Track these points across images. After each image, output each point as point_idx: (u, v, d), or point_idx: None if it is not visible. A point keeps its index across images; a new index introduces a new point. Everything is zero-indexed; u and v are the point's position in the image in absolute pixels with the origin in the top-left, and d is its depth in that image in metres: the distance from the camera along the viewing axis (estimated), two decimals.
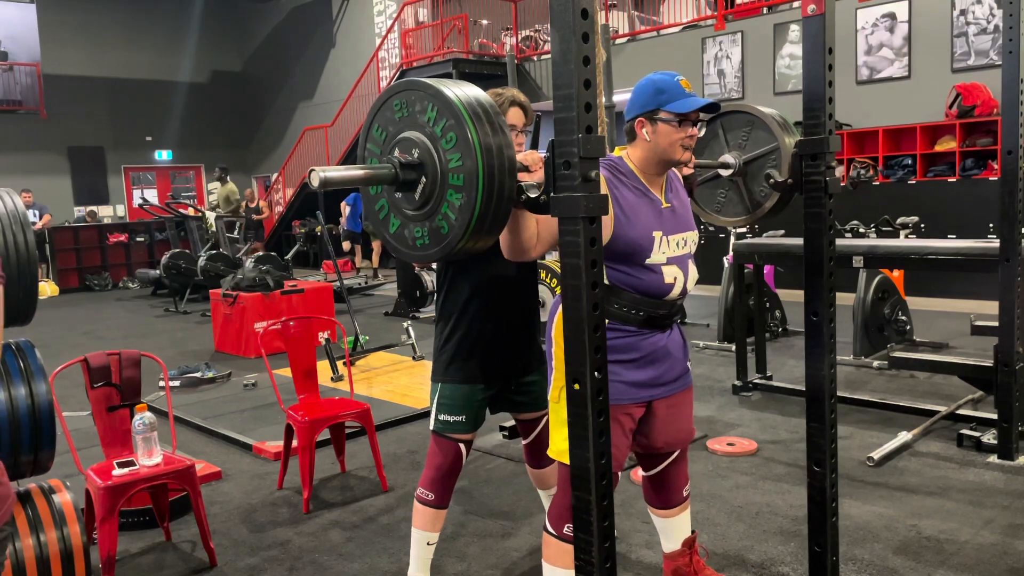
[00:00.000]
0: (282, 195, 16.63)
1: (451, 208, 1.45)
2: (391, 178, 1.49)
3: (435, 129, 1.47)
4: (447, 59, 12.37)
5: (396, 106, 1.54)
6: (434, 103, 1.47)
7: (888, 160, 8.54)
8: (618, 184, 2.11)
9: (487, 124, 1.42)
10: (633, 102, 2.15)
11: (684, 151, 2.12)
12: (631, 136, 2.17)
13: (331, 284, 7.96)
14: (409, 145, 1.49)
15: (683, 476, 2.42)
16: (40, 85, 15.54)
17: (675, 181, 2.30)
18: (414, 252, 1.57)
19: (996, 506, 3.19)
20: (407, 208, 1.53)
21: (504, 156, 1.43)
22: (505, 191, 1.44)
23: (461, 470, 2.56)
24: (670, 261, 2.16)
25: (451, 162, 1.44)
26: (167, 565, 3.03)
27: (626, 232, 2.08)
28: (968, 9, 8.17)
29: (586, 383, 1.40)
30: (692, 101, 2.07)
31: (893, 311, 5.86)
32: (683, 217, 2.24)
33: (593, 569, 1.45)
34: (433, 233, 1.50)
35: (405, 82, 1.54)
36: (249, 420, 4.90)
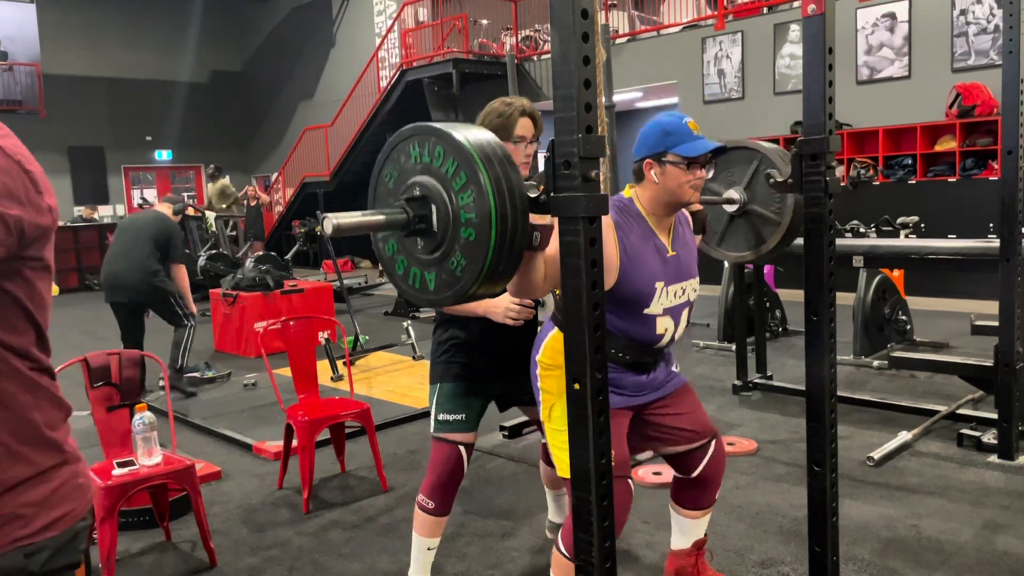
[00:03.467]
0: (282, 195, 16.62)
1: (463, 253, 1.44)
2: (403, 223, 1.48)
3: (446, 173, 1.46)
4: (447, 59, 12.36)
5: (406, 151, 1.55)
6: (445, 147, 1.46)
7: (888, 160, 8.53)
8: (626, 230, 2.13)
9: (499, 168, 1.42)
10: (641, 143, 2.16)
11: (693, 192, 2.13)
12: (639, 176, 2.18)
13: (331, 284, 7.96)
14: (420, 190, 1.49)
15: (719, 481, 2.44)
16: (40, 85, 15.53)
17: (683, 224, 2.31)
18: (425, 296, 1.54)
19: (996, 506, 3.19)
20: (418, 253, 1.52)
21: (517, 201, 1.42)
22: (518, 235, 1.43)
23: (463, 477, 2.52)
24: (665, 312, 2.19)
25: (463, 207, 1.43)
26: (167, 565, 3.03)
27: (630, 281, 2.10)
28: (968, 9, 8.17)
29: (586, 383, 1.40)
30: (700, 144, 2.09)
31: (893, 311, 5.86)
32: (686, 265, 2.26)
33: (593, 569, 1.45)
34: (445, 278, 1.48)
35: (414, 127, 1.54)
36: (249, 420, 4.90)
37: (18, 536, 1.08)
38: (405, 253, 1.56)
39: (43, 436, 1.12)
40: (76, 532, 1.15)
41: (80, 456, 1.20)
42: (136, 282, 5.32)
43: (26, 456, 1.10)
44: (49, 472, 1.12)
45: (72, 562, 1.15)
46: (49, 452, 1.13)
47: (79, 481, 1.17)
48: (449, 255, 1.47)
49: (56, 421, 1.15)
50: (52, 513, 1.11)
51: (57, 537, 1.12)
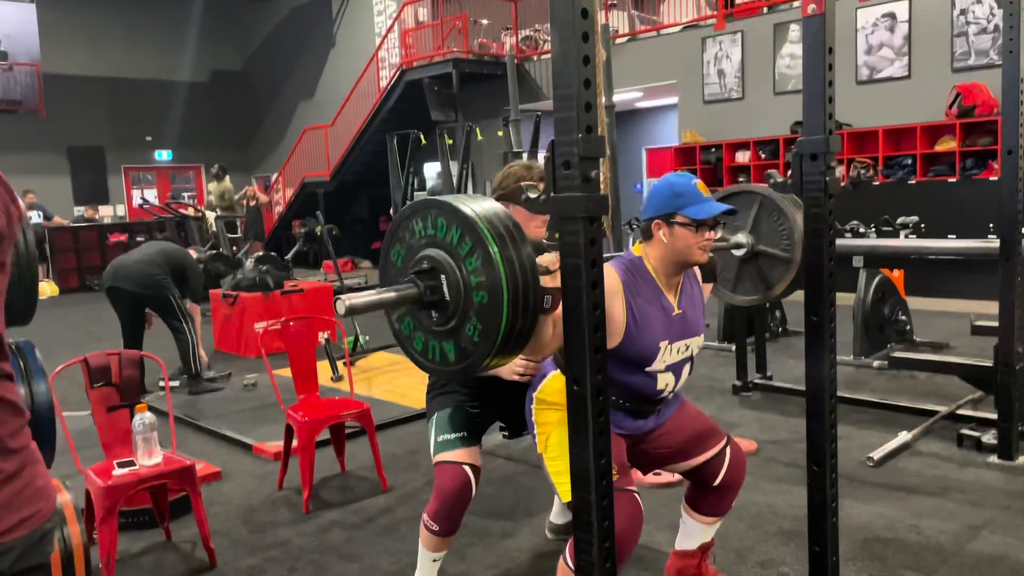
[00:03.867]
0: (282, 195, 16.62)
1: (477, 324, 1.45)
2: (415, 297, 1.48)
3: (451, 242, 1.47)
4: (447, 59, 12.36)
5: (409, 228, 1.55)
6: (447, 218, 1.47)
7: (888, 160, 8.53)
8: (635, 292, 2.14)
9: (508, 239, 1.42)
10: (650, 203, 2.17)
11: (701, 253, 2.14)
12: (647, 235, 2.19)
13: (331, 284, 7.96)
14: (428, 262, 1.49)
15: (739, 487, 2.44)
16: (40, 85, 15.54)
17: (691, 280, 2.31)
18: (446, 368, 1.54)
19: (996, 506, 3.19)
20: (434, 326, 1.52)
21: (527, 270, 1.42)
22: (531, 304, 1.43)
23: (470, 501, 2.42)
24: (668, 368, 2.21)
25: (472, 271, 1.43)
26: (167, 565, 3.03)
27: (635, 343, 2.12)
28: (968, 9, 8.17)
29: (586, 383, 1.40)
30: (710, 207, 2.09)
31: (893, 311, 5.86)
32: (692, 322, 2.27)
33: (593, 569, 1.45)
34: (464, 345, 1.48)
35: (413, 205, 1.55)
36: (249, 420, 4.90)
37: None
38: (421, 328, 1.57)
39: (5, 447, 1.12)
40: (44, 533, 1.16)
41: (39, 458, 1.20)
42: (138, 273, 5.41)
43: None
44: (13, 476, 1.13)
45: (40, 563, 1.15)
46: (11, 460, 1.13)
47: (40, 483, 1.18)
48: (464, 322, 1.47)
49: (16, 428, 1.15)
50: (18, 514, 1.12)
51: (26, 537, 1.12)
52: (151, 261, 5.47)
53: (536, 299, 1.45)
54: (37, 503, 1.15)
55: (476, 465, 2.44)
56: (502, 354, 1.46)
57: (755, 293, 2.77)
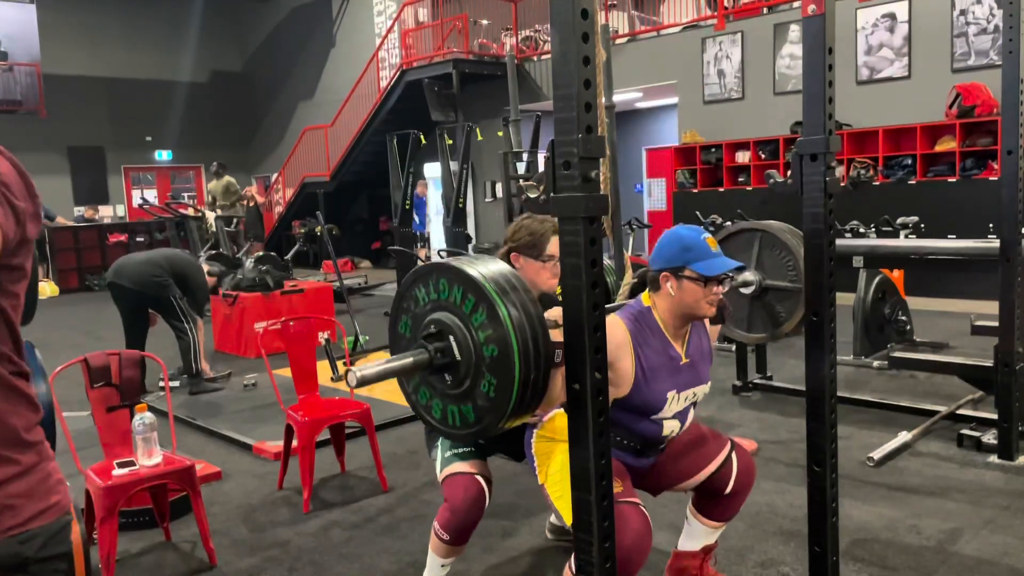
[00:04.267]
0: (282, 195, 16.62)
1: (491, 379, 1.44)
2: (427, 363, 1.49)
3: (455, 302, 1.47)
4: (447, 59, 12.36)
5: (412, 297, 1.56)
6: (454, 281, 1.47)
7: (888, 160, 8.53)
8: (642, 343, 2.15)
9: (510, 290, 1.43)
10: (659, 254, 2.17)
11: (709, 307, 2.15)
12: (655, 285, 2.19)
13: (331, 284, 7.96)
14: (435, 325, 1.49)
15: (748, 492, 2.44)
16: (40, 85, 15.53)
17: (699, 329, 2.32)
18: (468, 429, 1.54)
19: (996, 506, 3.19)
20: (449, 389, 1.52)
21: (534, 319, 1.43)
22: (541, 352, 1.43)
23: (483, 513, 2.38)
24: (674, 416, 2.22)
25: (482, 333, 1.44)
26: (167, 565, 3.03)
27: (642, 393, 2.14)
28: (968, 9, 8.17)
29: (586, 383, 1.40)
30: (719, 263, 2.11)
31: (893, 311, 5.85)
32: (699, 370, 2.27)
33: (593, 569, 1.45)
34: (481, 403, 1.48)
35: (427, 266, 1.55)
36: (249, 420, 4.90)
37: (10, 525, 1.12)
38: (437, 395, 1.57)
39: (22, 439, 1.16)
40: (64, 523, 1.20)
41: (52, 455, 1.24)
42: (138, 273, 5.46)
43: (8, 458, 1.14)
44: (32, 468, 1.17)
45: (63, 552, 1.19)
46: (29, 453, 1.17)
47: (57, 476, 1.22)
48: (478, 380, 1.47)
49: (31, 423, 1.19)
50: (40, 503, 1.16)
51: (48, 525, 1.17)
52: (154, 263, 5.52)
53: (546, 347, 1.45)
54: (57, 494, 1.20)
55: (489, 478, 2.42)
56: (519, 409, 1.45)
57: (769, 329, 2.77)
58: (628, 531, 1.98)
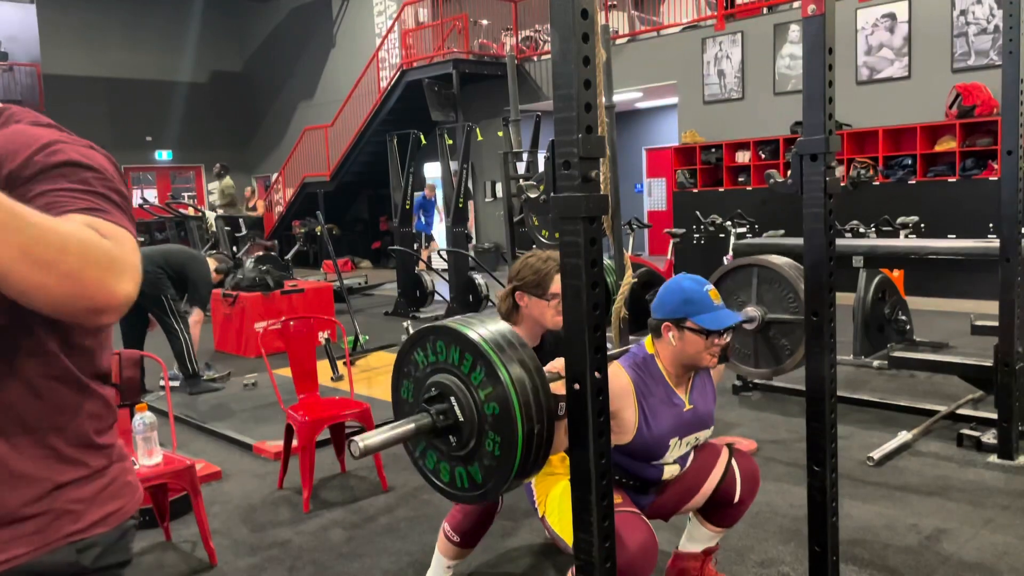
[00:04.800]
0: (282, 195, 16.62)
1: (495, 437, 1.45)
2: (429, 426, 1.49)
3: (453, 363, 1.48)
4: (447, 59, 12.37)
5: (412, 362, 1.57)
6: (450, 342, 1.48)
7: (888, 160, 8.54)
8: (646, 392, 2.15)
9: (506, 346, 1.44)
10: (661, 304, 2.18)
11: (711, 358, 2.16)
12: (656, 333, 2.20)
13: (331, 284, 7.96)
14: (442, 389, 1.50)
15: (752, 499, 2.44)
16: (40, 85, 15.52)
17: (702, 375, 2.32)
18: (478, 491, 1.54)
19: (996, 506, 3.19)
20: (454, 451, 1.53)
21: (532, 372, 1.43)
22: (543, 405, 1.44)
23: (494, 518, 2.39)
24: (675, 461, 2.23)
25: (482, 391, 1.45)
26: (167, 565, 3.03)
27: (645, 441, 2.14)
28: (968, 9, 8.17)
29: (586, 383, 1.39)
30: (721, 317, 2.11)
31: (893, 311, 5.85)
32: (702, 416, 2.27)
33: (593, 569, 1.45)
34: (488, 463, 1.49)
35: (424, 329, 1.55)
36: (249, 420, 4.90)
37: (70, 531, 1.08)
38: (444, 458, 1.57)
39: (93, 442, 1.13)
40: (125, 530, 1.17)
41: (126, 455, 1.21)
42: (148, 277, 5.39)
43: (75, 460, 1.11)
44: (99, 472, 1.14)
45: (123, 560, 1.16)
46: (98, 456, 1.14)
47: (128, 479, 1.19)
48: (482, 439, 1.47)
49: (106, 425, 1.16)
50: (103, 509, 1.12)
51: (108, 533, 1.13)
52: (149, 258, 5.45)
53: (547, 400, 1.45)
54: (121, 499, 1.16)
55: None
56: (525, 465, 1.45)
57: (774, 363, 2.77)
58: (633, 540, 1.98)
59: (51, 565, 1.06)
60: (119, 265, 0.93)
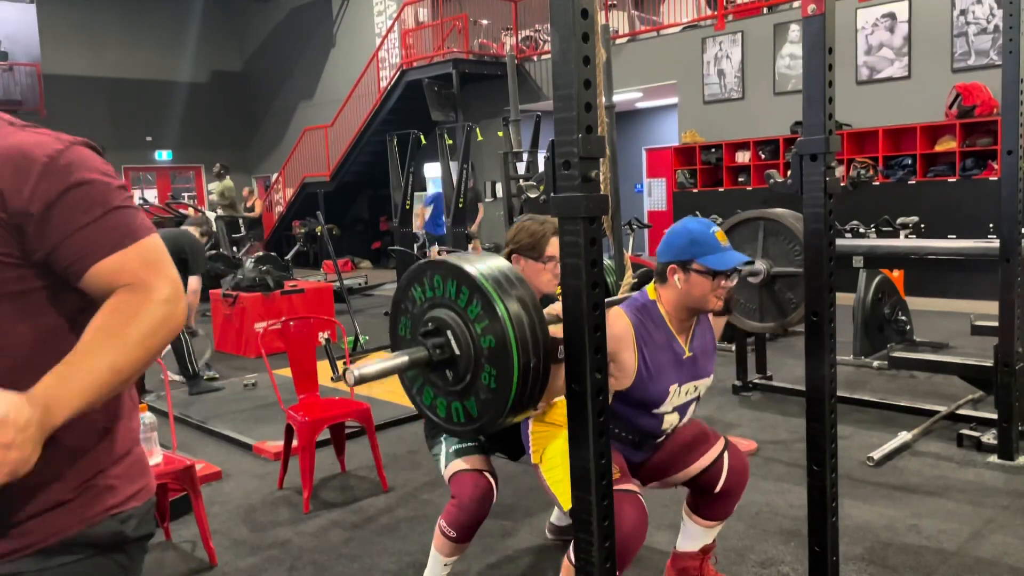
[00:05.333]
0: (282, 195, 16.62)
1: (491, 370, 1.45)
2: (425, 360, 1.49)
3: (450, 296, 1.48)
4: (447, 59, 12.36)
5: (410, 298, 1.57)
6: (448, 275, 1.48)
7: (888, 160, 8.53)
8: (645, 336, 2.14)
9: (513, 294, 1.43)
10: (667, 247, 2.17)
11: (717, 301, 2.14)
12: (662, 278, 2.19)
13: (331, 284, 7.96)
14: (439, 323, 1.50)
15: (742, 491, 2.44)
16: (40, 85, 15.52)
17: (703, 322, 2.31)
18: (456, 427, 1.55)
19: (996, 506, 3.19)
20: (451, 386, 1.53)
21: (529, 306, 1.43)
22: (539, 339, 1.44)
23: (489, 511, 2.40)
24: (674, 409, 2.22)
25: (478, 325, 1.45)
26: (167, 565, 3.03)
27: (645, 387, 2.13)
28: (968, 9, 8.17)
29: (586, 383, 1.39)
30: (728, 257, 2.10)
31: (893, 311, 5.86)
32: (702, 365, 2.27)
33: (593, 569, 1.45)
34: (480, 403, 1.49)
35: (421, 264, 1.56)
36: (249, 420, 4.90)
37: (110, 504, 1.18)
38: (441, 394, 1.58)
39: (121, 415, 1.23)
40: (152, 504, 1.28)
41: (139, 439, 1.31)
42: None
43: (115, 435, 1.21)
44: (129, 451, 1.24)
45: (150, 532, 1.27)
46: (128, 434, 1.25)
47: (146, 460, 1.31)
48: (478, 373, 1.47)
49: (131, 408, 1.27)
50: (134, 485, 1.23)
51: (140, 507, 1.23)
52: None
53: (544, 335, 1.45)
54: (146, 476, 1.27)
55: (494, 474, 2.43)
56: (521, 399, 1.45)
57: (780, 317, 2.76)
58: (625, 519, 1.98)
59: (99, 535, 1.17)
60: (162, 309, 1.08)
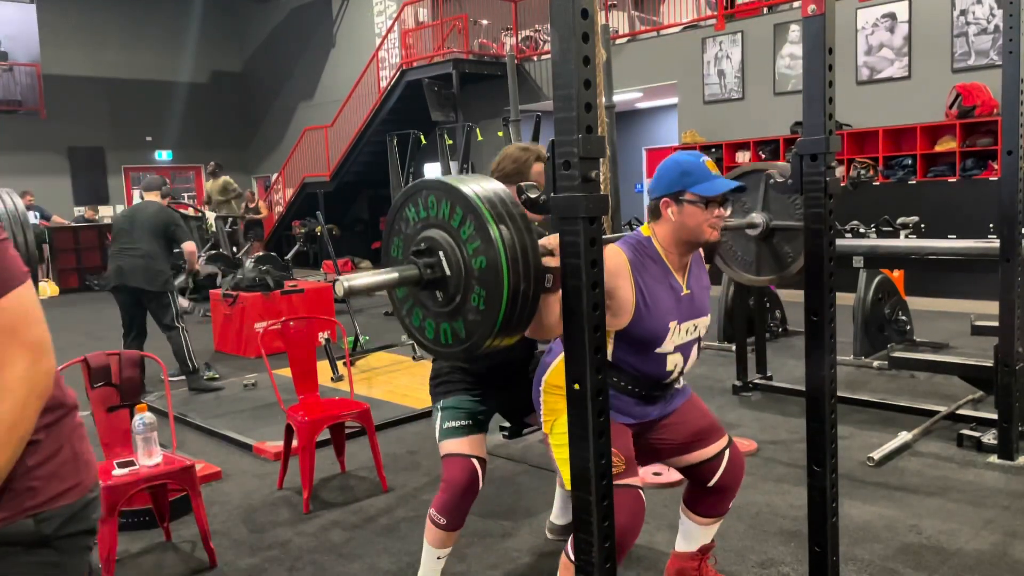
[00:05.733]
0: (282, 195, 16.62)
1: (480, 291, 1.45)
2: (416, 279, 1.49)
3: (444, 217, 1.48)
4: (447, 59, 12.36)
5: (403, 217, 1.56)
6: (443, 196, 1.48)
7: (888, 160, 8.53)
8: (642, 271, 2.13)
9: (507, 216, 1.43)
10: (658, 182, 2.16)
11: (712, 231, 2.13)
12: (655, 215, 2.18)
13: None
14: (431, 243, 1.50)
15: (736, 489, 2.43)
16: (40, 85, 15.52)
17: (697, 263, 2.31)
18: (459, 347, 1.54)
19: (996, 506, 3.19)
20: (439, 307, 1.53)
21: (528, 246, 1.43)
22: (531, 263, 1.43)
23: (477, 494, 2.44)
24: (676, 349, 2.20)
25: (470, 246, 1.44)
26: (167, 565, 3.03)
27: (644, 323, 2.11)
28: (968, 9, 8.17)
29: (586, 383, 1.40)
30: (718, 184, 2.09)
31: (893, 311, 5.86)
32: (699, 303, 2.26)
33: (593, 569, 1.45)
34: (468, 324, 1.49)
35: (421, 182, 1.55)
36: (249, 420, 4.90)
37: (28, 506, 1.19)
38: (429, 314, 1.57)
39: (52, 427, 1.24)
40: (87, 502, 1.27)
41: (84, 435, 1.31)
42: (142, 268, 5.42)
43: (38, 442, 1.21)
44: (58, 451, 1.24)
45: (87, 528, 1.27)
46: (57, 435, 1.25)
47: (86, 457, 1.29)
48: (468, 294, 1.47)
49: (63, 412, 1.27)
50: (63, 484, 1.23)
51: (70, 506, 1.23)
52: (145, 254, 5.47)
53: (536, 259, 1.44)
54: (80, 474, 1.27)
55: (483, 458, 2.46)
56: (508, 324, 1.45)
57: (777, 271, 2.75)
58: (622, 511, 1.98)
59: (13, 534, 1.18)
60: (20, 393, 1.12)
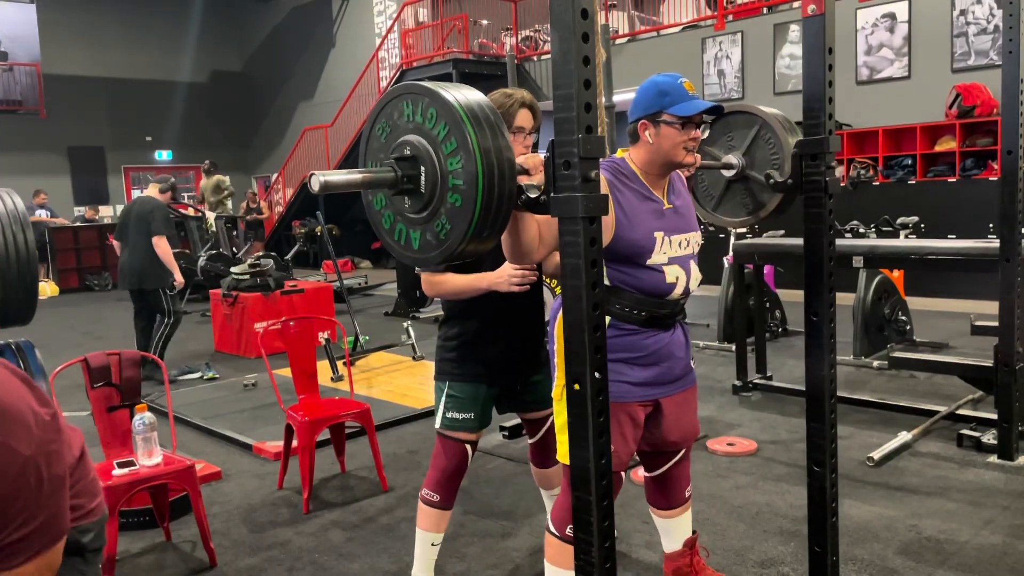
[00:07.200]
0: (282, 195, 16.62)
1: (451, 211, 1.45)
2: (391, 182, 1.49)
3: (435, 132, 1.47)
4: (447, 59, 12.36)
5: (399, 108, 1.55)
6: (437, 109, 1.47)
7: (888, 160, 8.53)
8: (619, 186, 2.11)
9: (486, 127, 1.42)
10: (636, 104, 2.15)
11: (687, 153, 2.11)
12: (634, 138, 2.17)
13: (331, 284, 7.96)
14: (411, 150, 1.49)
15: (686, 477, 2.43)
16: (40, 85, 15.52)
17: (678, 183, 2.30)
18: (415, 255, 1.56)
19: (996, 506, 3.19)
20: (408, 212, 1.53)
21: (504, 159, 1.42)
22: (505, 194, 1.43)
23: (464, 472, 2.55)
24: (672, 261, 2.16)
25: (451, 165, 1.44)
26: (167, 565, 3.03)
27: (627, 233, 2.08)
28: (968, 9, 8.17)
29: (586, 383, 1.39)
30: (695, 104, 2.08)
31: (893, 311, 5.86)
32: (686, 218, 2.24)
33: (593, 569, 1.45)
34: (431, 239, 1.50)
35: (404, 85, 1.54)
36: (249, 420, 4.90)
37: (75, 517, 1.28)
38: (393, 209, 1.58)
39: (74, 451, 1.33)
40: (105, 520, 1.39)
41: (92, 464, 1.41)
42: (136, 269, 5.82)
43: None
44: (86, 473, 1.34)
45: (102, 545, 1.39)
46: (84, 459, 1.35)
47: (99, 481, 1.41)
48: (435, 216, 1.47)
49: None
50: (92, 502, 1.34)
51: (98, 521, 1.35)
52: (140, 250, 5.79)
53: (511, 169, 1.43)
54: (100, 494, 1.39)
55: (476, 442, 2.55)
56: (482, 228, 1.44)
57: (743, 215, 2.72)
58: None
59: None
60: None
